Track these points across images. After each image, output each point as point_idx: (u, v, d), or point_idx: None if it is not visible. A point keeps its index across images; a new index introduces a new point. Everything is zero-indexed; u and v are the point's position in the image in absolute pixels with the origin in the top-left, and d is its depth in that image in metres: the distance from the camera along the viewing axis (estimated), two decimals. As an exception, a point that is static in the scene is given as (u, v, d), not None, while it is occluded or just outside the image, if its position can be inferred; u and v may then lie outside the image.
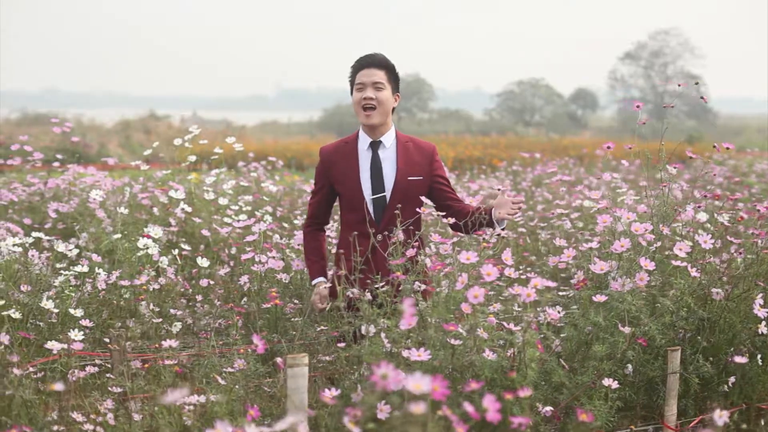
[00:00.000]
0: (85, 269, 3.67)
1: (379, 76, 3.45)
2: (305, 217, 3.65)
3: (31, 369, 2.60)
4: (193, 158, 5.65)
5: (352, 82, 3.52)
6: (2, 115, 29.53)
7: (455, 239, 3.21)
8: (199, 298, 3.94)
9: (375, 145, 3.47)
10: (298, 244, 4.12)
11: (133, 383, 2.52)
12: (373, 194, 3.41)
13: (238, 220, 4.94)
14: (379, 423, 1.90)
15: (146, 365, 2.69)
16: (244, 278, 3.80)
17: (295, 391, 2.36)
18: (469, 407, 1.69)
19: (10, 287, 3.43)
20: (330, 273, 3.59)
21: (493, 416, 1.69)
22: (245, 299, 3.88)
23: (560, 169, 9.69)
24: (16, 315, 3.19)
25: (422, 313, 2.65)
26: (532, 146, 19.82)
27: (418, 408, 1.47)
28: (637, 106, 3.48)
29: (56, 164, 6.48)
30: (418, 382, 1.51)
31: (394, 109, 3.51)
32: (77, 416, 2.36)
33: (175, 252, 4.19)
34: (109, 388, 2.56)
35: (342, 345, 2.80)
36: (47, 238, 4.23)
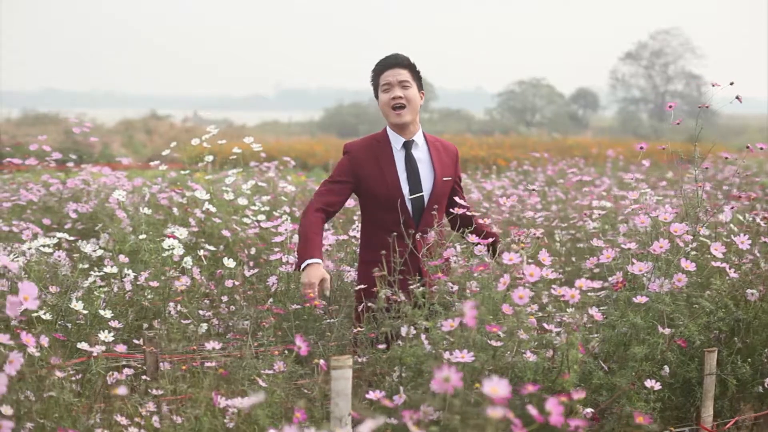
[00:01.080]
0: (114, 270, 3.65)
1: (404, 74, 3.43)
2: (313, 199, 3.36)
3: (70, 371, 2.57)
4: (210, 158, 5.63)
5: (376, 85, 3.48)
6: (2, 115, 29.48)
7: (490, 240, 3.18)
8: (224, 299, 3.92)
9: (408, 145, 3.44)
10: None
11: (175, 385, 2.50)
12: (410, 194, 3.37)
13: (257, 221, 4.92)
14: (439, 425, 1.88)
15: (184, 367, 2.67)
16: (272, 279, 3.78)
17: (340, 394, 2.34)
18: (533, 410, 1.68)
19: (39, 288, 3.41)
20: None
21: (556, 419, 1.68)
22: (271, 300, 3.86)
23: (571, 168, 9.68)
24: (47, 316, 3.17)
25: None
26: (536, 146, 19.78)
27: (496, 413, 1.45)
28: (669, 106, 3.47)
29: (71, 164, 6.47)
30: (495, 386, 1.49)
31: (420, 106, 3.49)
32: (121, 419, 2.34)
33: (201, 252, 4.17)
34: (152, 391, 2.54)
35: (382, 346, 2.78)
36: (69, 238, 4.21)
